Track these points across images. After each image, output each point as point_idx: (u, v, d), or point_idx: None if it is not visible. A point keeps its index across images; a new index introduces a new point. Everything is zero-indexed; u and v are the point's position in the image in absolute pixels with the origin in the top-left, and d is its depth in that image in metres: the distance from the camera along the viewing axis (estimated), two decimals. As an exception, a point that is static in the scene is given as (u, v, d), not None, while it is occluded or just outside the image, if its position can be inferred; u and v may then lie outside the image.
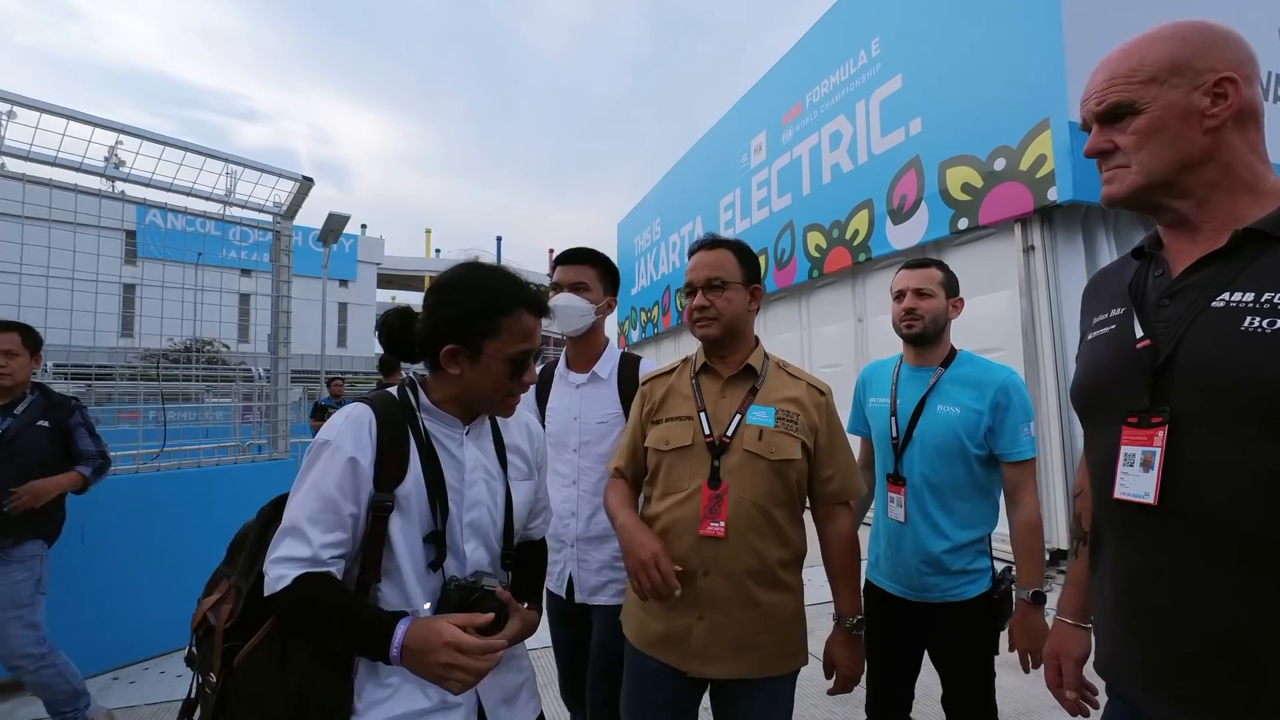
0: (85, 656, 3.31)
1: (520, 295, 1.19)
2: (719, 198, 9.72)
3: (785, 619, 1.47)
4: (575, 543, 1.87)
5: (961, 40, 5.46)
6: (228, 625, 1.09)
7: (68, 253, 3.45)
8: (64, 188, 3.37)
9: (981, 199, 5.16)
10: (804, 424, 1.49)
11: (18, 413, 2.59)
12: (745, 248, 1.60)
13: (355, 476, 1.09)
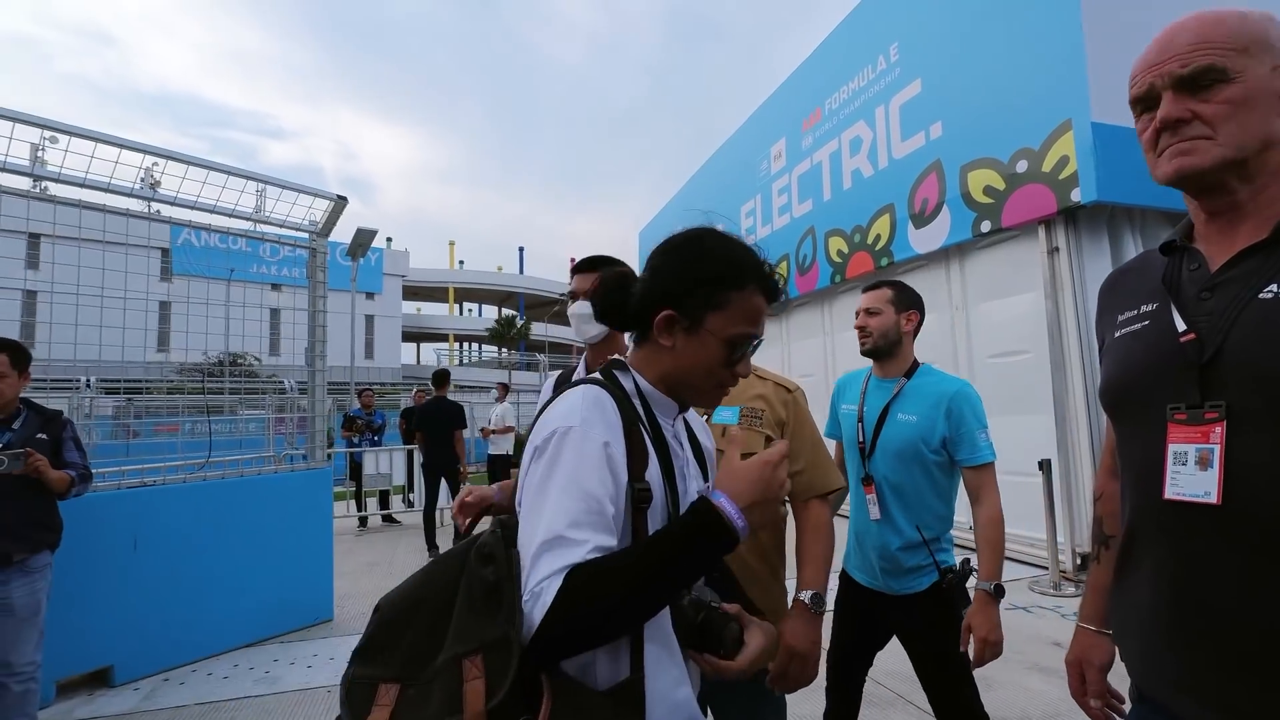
0: (137, 658, 3.48)
1: (757, 271, 1.01)
2: (740, 204, 9.78)
3: (768, 612, 1.50)
4: None
5: (981, 43, 5.46)
6: (491, 705, 0.73)
7: (110, 272, 3.63)
8: (117, 212, 3.56)
9: (1004, 201, 5.15)
10: (769, 419, 1.56)
11: (16, 427, 2.66)
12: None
13: (612, 464, 0.86)
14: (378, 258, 33.75)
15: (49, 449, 2.71)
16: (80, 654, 3.31)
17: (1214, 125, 0.83)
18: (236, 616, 3.85)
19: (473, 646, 0.76)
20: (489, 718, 0.72)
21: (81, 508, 3.39)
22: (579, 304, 1.96)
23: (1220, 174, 0.85)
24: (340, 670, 3.19)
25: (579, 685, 0.80)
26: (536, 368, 19.26)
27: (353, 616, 4.42)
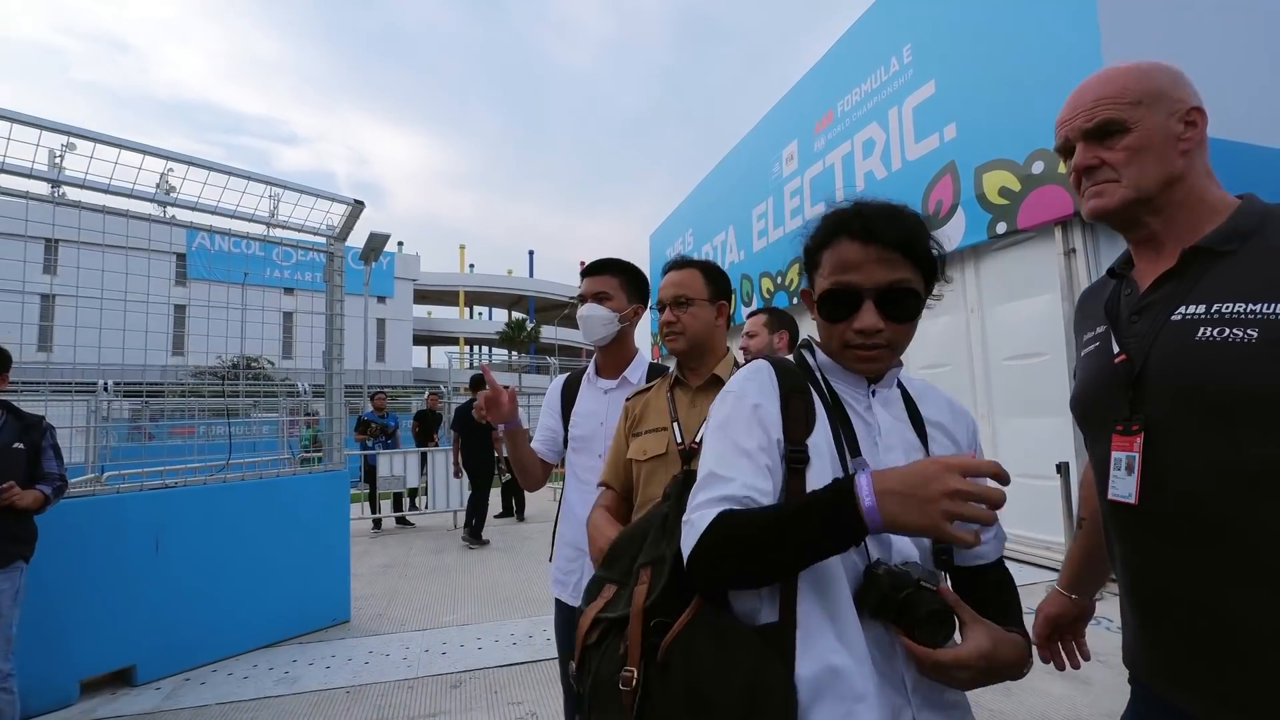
0: (158, 658, 3.52)
1: (835, 220, 0.97)
2: (751, 207, 9.77)
3: None
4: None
5: (995, 44, 5.44)
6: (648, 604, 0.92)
7: (128, 276, 3.69)
8: (135, 216, 3.61)
9: (1020, 203, 5.12)
10: None
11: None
12: (713, 267, 1.73)
13: (762, 422, 0.94)
14: (389, 262, 33.99)
15: (25, 458, 2.62)
16: (103, 653, 3.36)
17: (1118, 169, 0.97)
18: (256, 617, 3.88)
19: (646, 561, 1.00)
20: (644, 614, 0.91)
21: (104, 509, 3.45)
22: (588, 306, 1.98)
23: (1130, 211, 0.99)
24: (358, 671, 3.27)
25: (727, 612, 0.90)
26: (547, 370, 19.31)
27: (369, 618, 4.45)
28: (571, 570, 1.94)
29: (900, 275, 0.93)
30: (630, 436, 1.68)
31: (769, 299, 9.18)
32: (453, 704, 3.15)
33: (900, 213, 0.97)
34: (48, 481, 2.70)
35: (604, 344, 2.00)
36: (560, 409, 2.09)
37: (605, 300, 1.96)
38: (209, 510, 3.76)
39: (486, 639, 3.99)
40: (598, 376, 2.04)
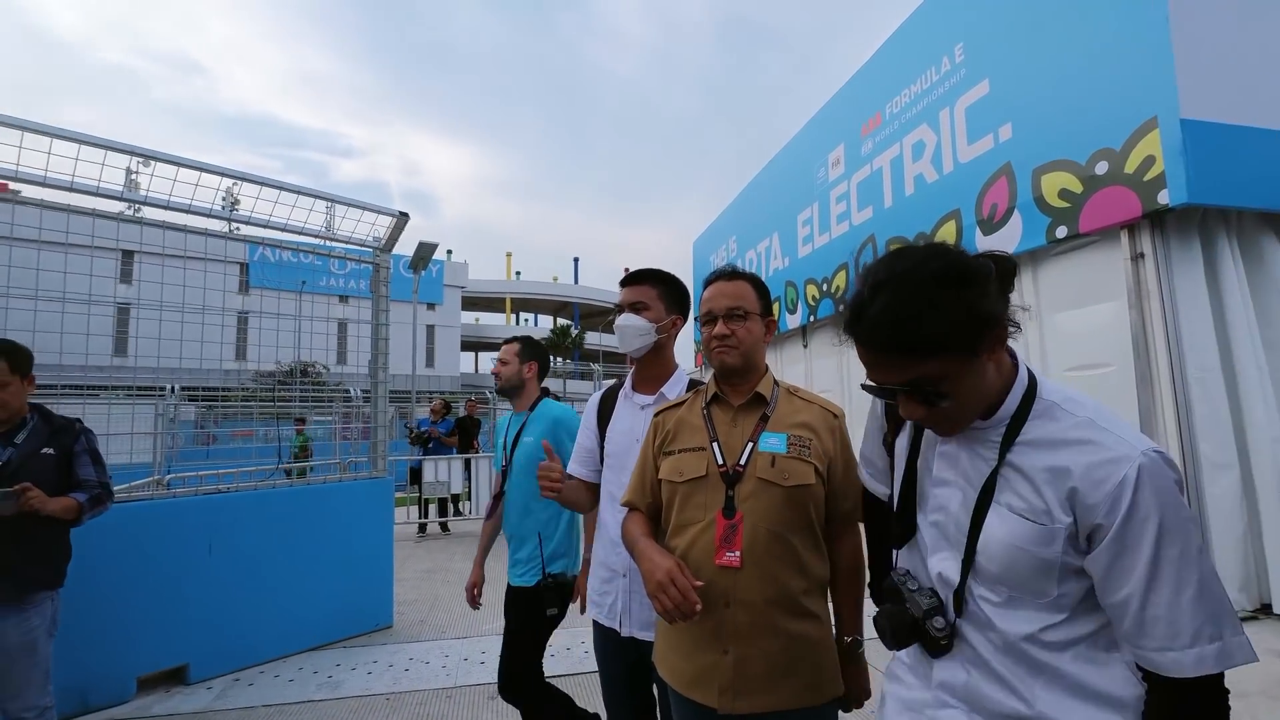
0: (210, 658, 3.63)
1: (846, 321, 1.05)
2: (796, 213, 9.60)
3: (815, 648, 1.43)
4: (629, 572, 1.82)
5: (1054, 40, 5.19)
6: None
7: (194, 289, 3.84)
8: (200, 232, 3.75)
9: (1082, 205, 4.86)
10: (817, 449, 1.47)
11: (18, 441, 2.35)
12: (760, 281, 1.65)
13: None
14: (439, 269, 34.81)
15: (55, 465, 2.41)
16: (159, 652, 3.47)
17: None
18: (302, 621, 3.97)
19: None
20: None
21: (163, 513, 3.58)
22: (624, 316, 1.94)
23: None
24: (399, 678, 3.30)
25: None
26: (590, 377, 19.40)
27: (411, 624, 4.50)
28: (607, 592, 1.89)
29: (913, 375, 0.95)
30: (661, 455, 1.60)
31: (814, 306, 9.00)
32: (490, 716, 3.14)
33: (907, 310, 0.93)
34: (84, 489, 2.45)
35: (641, 355, 1.96)
36: (596, 425, 2.04)
37: (643, 310, 1.91)
38: (259, 516, 3.86)
39: (525, 649, 3.98)
40: (634, 391, 1.99)
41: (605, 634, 1.90)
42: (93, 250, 3.48)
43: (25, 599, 2.30)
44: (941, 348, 0.94)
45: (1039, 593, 0.96)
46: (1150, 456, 0.91)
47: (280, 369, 12.61)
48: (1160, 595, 0.88)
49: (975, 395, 1.00)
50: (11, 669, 2.27)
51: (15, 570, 2.28)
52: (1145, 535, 0.88)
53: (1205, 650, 0.86)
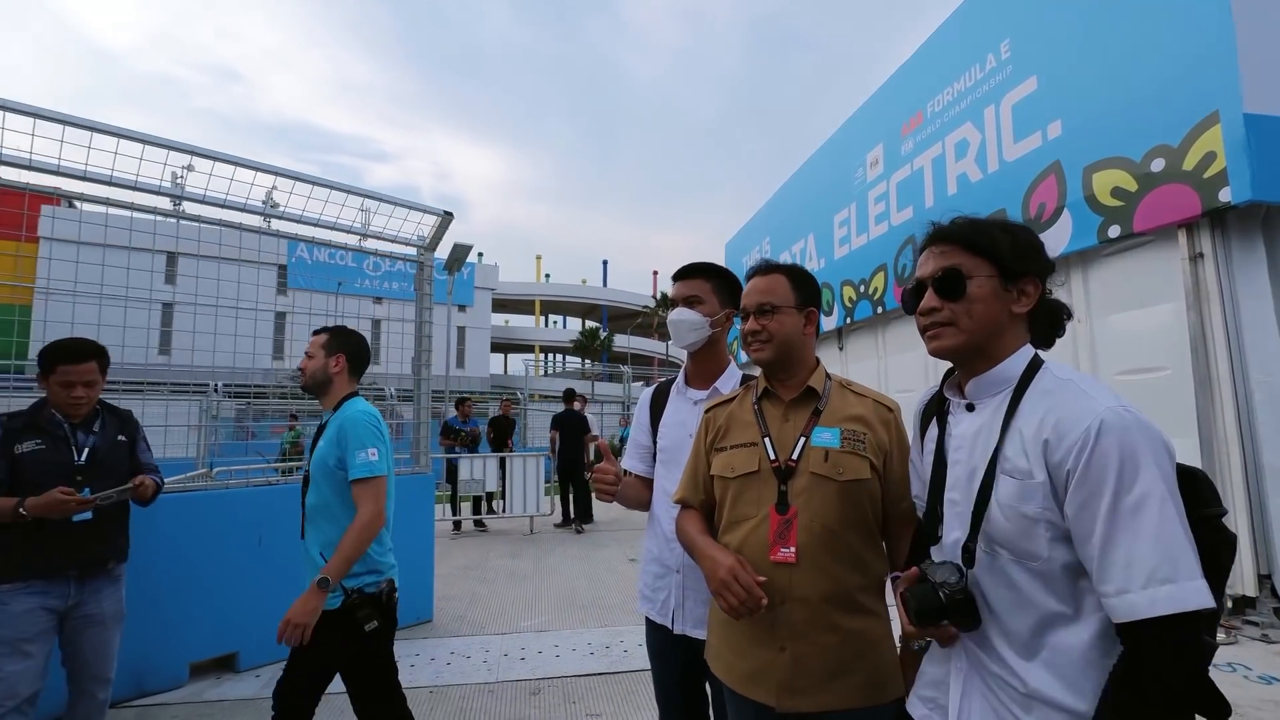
0: (258, 647, 3.70)
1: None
2: (833, 213, 9.50)
3: (874, 646, 1.40)
4: (682, 569, 1.80)
5: (1106, 34, 5.05)
6: None
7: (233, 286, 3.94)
8: (246, 228, 3.85)
9: (1136, 204, 4.72)
10: (871, 443, 1.43)
11: (96, 429, 2.56)
12: (800, 272, 1.60)
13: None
14: (469, 272, 35.23)
15: (127, 451, 2.65)
16: (211, 639, 3.56)
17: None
18: (346, 612, 4.02)
19: None
20: None
21: (214, 504, 3.66)
22: (677, 311, 1.91)
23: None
24: (440, 672, 3.32)
25: None
26: (619, 379, 19.44)
27: (451, 619, 4.54)
28: (659, 588, 1.88)
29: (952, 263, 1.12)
30: (713, 451, 1.59)
31: (851, 308, 8.88)
32: (532, 711, 3.15)
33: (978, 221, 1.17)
34: (151, 473, 2.67)
35: (695, 349, 1.94)
36: (649, 421, 2.02)
37: (697, 305, 1.89)
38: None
39: (564, 647, 3.99)
40: (687, 386, 1.97)
41: (658, 630, 1.88)
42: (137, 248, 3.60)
43: (115, 572, 2.56)
44: (986, 251, 1.10)
45: (1030, 554, 1.01)
46: (1114, 410, 0.96)
47: (317, 368, 12.89)
48: (1119, 538, 0.91)
49: (984, 316, 1.10)
50: (109, 639, 2.51)
51: (110, 546, 2.53)
52: (1106, 479, 0.93)
53: (1158, 592, 0.87)
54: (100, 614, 2.47)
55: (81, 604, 2.43)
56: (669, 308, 1.98)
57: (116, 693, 3.15)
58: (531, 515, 8.22)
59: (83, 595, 2.43)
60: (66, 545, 2.38)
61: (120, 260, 3.67)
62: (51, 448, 2.43)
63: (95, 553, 2.47)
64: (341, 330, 2.42)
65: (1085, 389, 1.02)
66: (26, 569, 2.32)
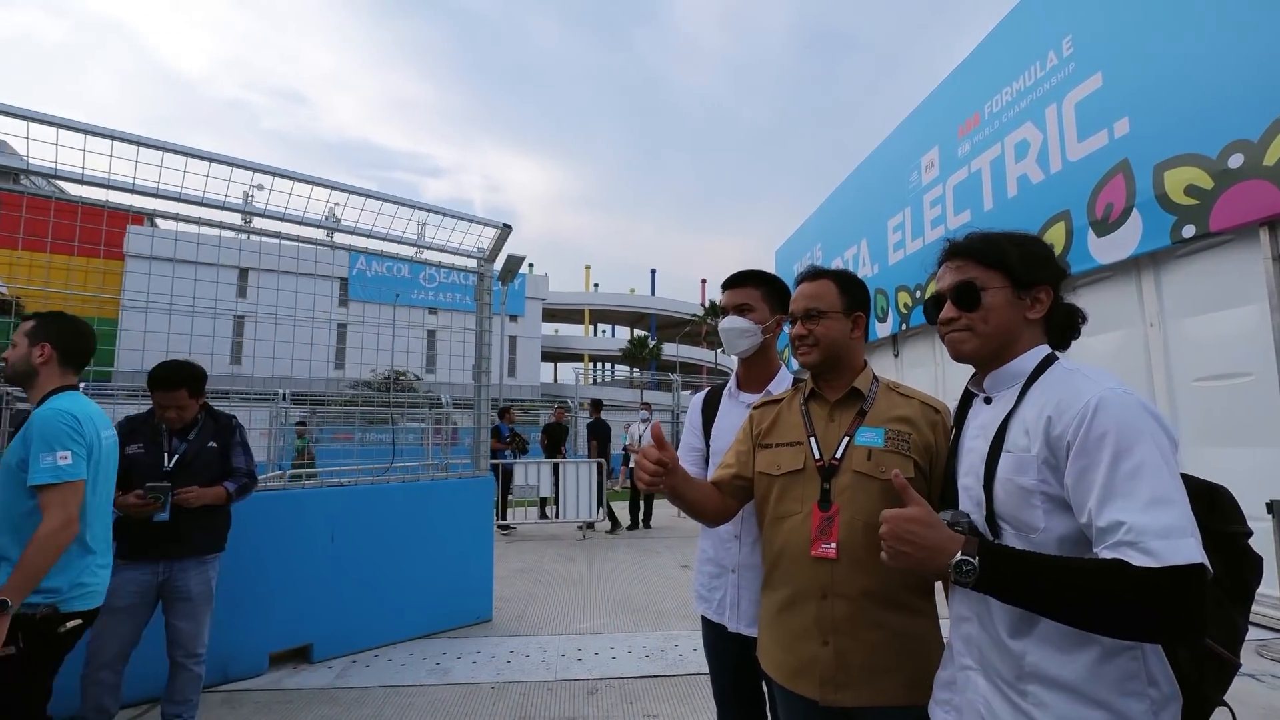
0: (331, 639, 3.88)
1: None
2: (886, 218, 9.35)
3: (919, 644, 1.40)
4: (738, 569, 1.84)
5: (1176, 27, 4.86)
6: None
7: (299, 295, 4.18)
8: (312, 242, 4.07)
9: (1213, 202, 4.51)
10: (916, 443, 1.44)
11: (191, 438, 2.85)
12: (849, 277, 1.64)
13: None
14: (520, 282, 35.91)
15: (217, 456, 2.91)
16: (288, 631, 3.76)
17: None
18: (411, 609, 4.20)
19: None
20: None
21: (291, 503, 3.88)
22: (729, 319, 1.96)
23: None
24: (501, 669, 3.43)
25: None
26: (668, 387, 19.46)
27: (509, 619, 4.66)
28: (715, 587, 1.92)
29: (967, 276, 1.23)
30: (758, 448, 1.64)
31: (906, 314, 8.71)
32: (591, 710, 3.22)
33: (989, 236, 1.26)
34: (235, 478, 2.94)
35: (747, 356, 1.98)
36: (702, 425, 2.07)
37: (748, 312, 1.94)
38: (375, 508, 4.12)
39: (620, 649, 4.05)
40: (740, 390, 2.02)
41: (713, 629, 1.93)
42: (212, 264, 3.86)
43: (203, 557, 2.83)
44: (997, 263, 1.20)
45: (1028, 526, 1.07)
46: (1113, 390, 1.03)
47: (375, 376, 13.43)
48: (1115, 500, 0.96)
49: (998, 322, 1.20)
50: (197, 613, 2.78)
51: (195, 535, 2.80)
52: (1104, 448, 0.99)
53: (1151, 544, 0.91)
54: (186, 589, 2.75)
55: (170, 579, 2.73)
56: (720, 316, 2.03)
57: (204, 678, 3.38)
58: (584, 521, 8.34)
59: (171, 573, 2.74)
60: (148, 539, 2.69)
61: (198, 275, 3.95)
62: (150, 451, 2.76)
63: (171, 550, 2.73)
64: (51, 317, 2.20)
65: (1089, 375, 1.09)
66: (127, 552, 2.64)
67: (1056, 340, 1.23)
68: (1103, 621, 0.93)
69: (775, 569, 1.56)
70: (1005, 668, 1.10)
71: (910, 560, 1.08)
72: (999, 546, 1.04)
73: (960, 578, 1.01)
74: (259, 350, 4.03)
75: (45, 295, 3.97)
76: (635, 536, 8.36)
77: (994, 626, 1.12)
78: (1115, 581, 0.91)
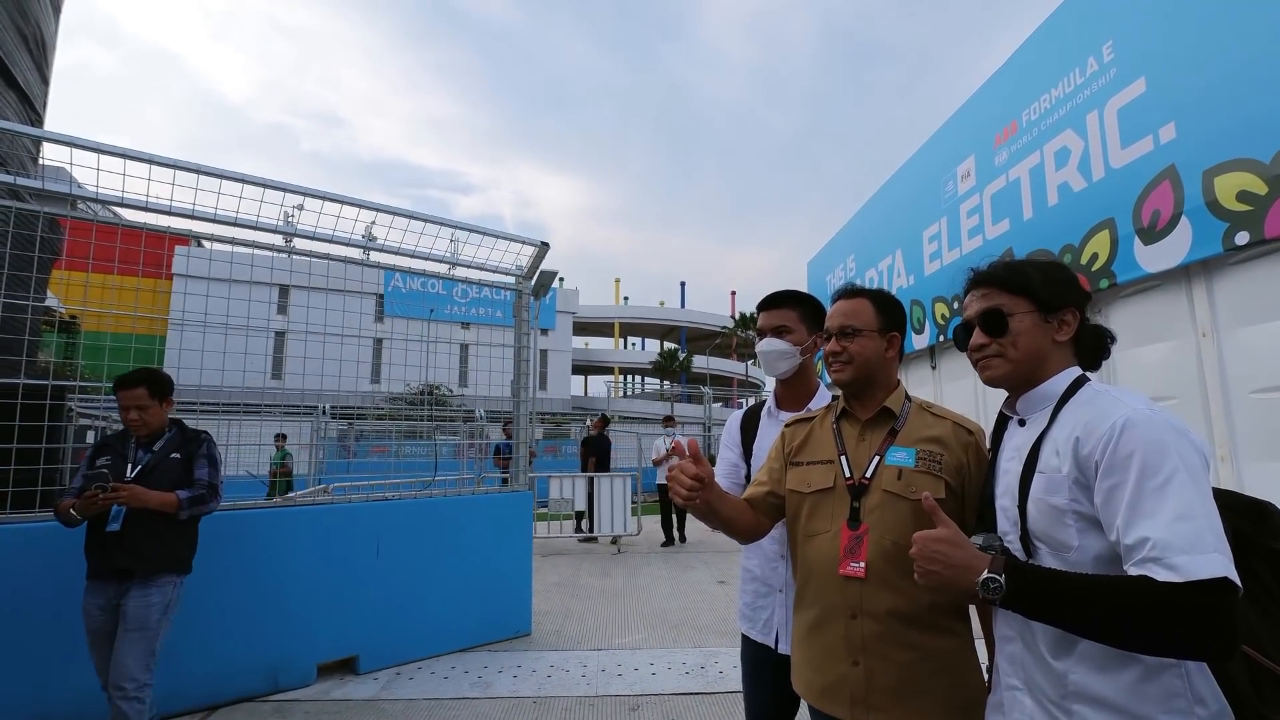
0: (377, 651, 3.96)
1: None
2: (921, 229, 9.23)
3: (952, 666, 1.38)
4: (785, 588, 1.84)
5: (1223, 28, 4.74)
6: None
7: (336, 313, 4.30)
8: (353, 262, 4.20)
9: (1267, 208, 4.36)
10: (948, 464, 1.43)
11: (156, 449, 2.84)
12: (886, 296, 1.64)
13: None
14: (551, 296, 36.27)
15: (179, 466, 2.84)
16: (336, 642, 3.84)
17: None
18: (454, 622, 4.26)
19: None
20: None
21: (338, 516, 3.98)
22: (766, 341, 1.98)
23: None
24: (542, 684, 3.44)
25: None
26: (699, 399, 19.43)
27: (548, 633, 4.69)
28: (760, 606, 1.92)
29: (994, 303, 1.26)
30: (789, 465, 1.65)
31: (943, 325, 8.57)
32: (633, 726, 3.21)
33: (1013, 264, 1.29)
34: (192, 488, 2.82)
35: (787, 376, 2.00)
36: (740, 443, 2.08)
37: (785, 334, 1.96)
38: (418, 521, 4.21)
39: (659, 665, 4.04)
40: (779, 409, 2.03)
41: (756, 649, 1.93)
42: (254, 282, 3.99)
43: (151, 578, 2.71)
44: (1022, 289, 1.23)
45: (1063, 545, 1.09)
46: (1140, 410, 1.05)
47: (410, 390, 13.68)
48: (1142, 516, 0.97)
49: (1027, 345, 1.23)
50: (128, 642, 2.62)
51: (144, 554, 2.70)
52: (1131, 465, 1.01)
53: (1176, 560, 0.92)
54: (124, 613, 2.65)
55: (119, 605, 2.67)
56: (757, 335, 2.04)
57: (255, 687, 3.47)
58: (618, 535, 8.35)
59: (120, 597, 2.68)
60: (102, 552, 2.68)
61: (240, 293, 4.10)
62: (116, 464, 2.79)
63: (119, 561, 2.66)
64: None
65: (1118, 396, 1.12)
66: (88, 571, 2.70)
67: (1087, 361, 1.26)
68: (1131, 638, 0.94)
69: (806, 587, 1.56)
70: (1050, 687, 1.11)
71: (939, 579, 1.11)
72: (1025, 564, 1.07)
73: (988, 595, 1.03)
74: (299, 366, 4.15)
75: (99, 315, 4.14)
76: (671, 551, 8.33)
77: (1037, 646, 1.13)
78: (1141, 598, 0.92)
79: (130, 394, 2.79)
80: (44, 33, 4.79)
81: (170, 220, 3.68)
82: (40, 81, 4.75)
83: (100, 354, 3.92)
